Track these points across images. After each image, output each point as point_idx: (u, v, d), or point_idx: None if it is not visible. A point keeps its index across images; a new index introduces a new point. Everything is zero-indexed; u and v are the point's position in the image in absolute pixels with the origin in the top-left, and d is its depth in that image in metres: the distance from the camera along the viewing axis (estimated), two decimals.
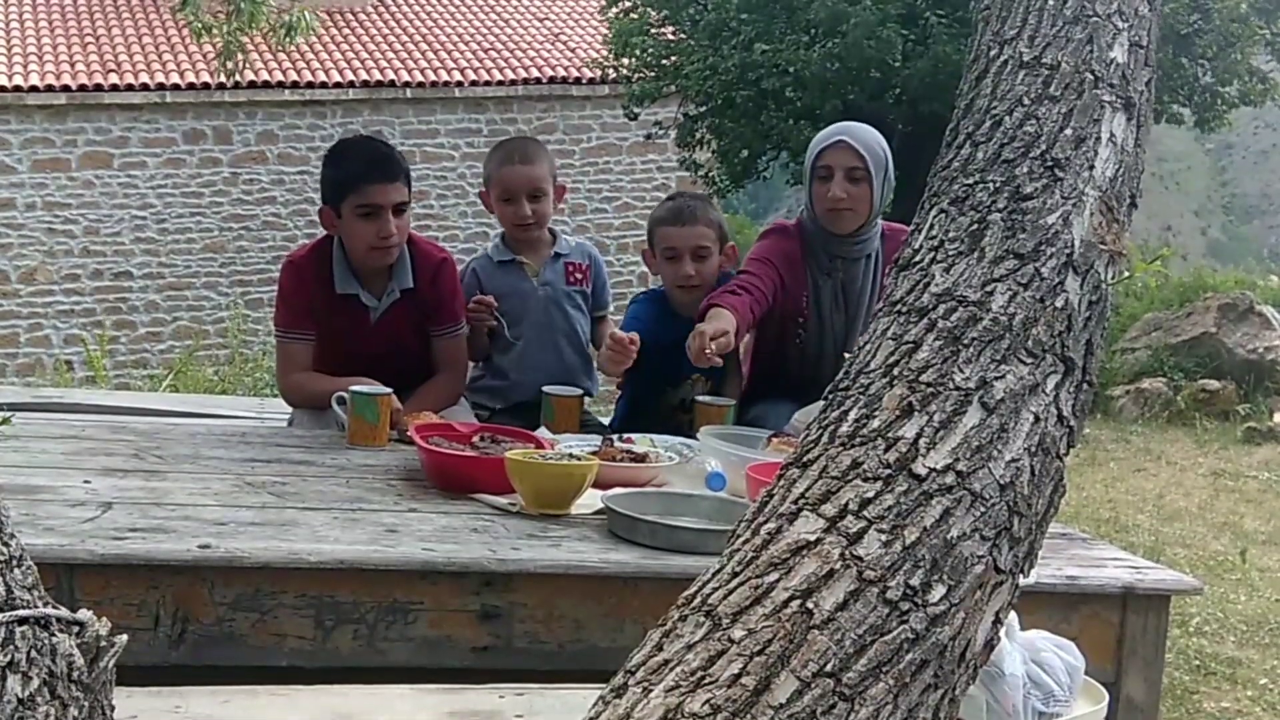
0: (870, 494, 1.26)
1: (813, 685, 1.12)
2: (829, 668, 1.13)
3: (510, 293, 3.27)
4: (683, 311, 3.04)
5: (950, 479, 1.27)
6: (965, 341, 1.37)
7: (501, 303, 3.24)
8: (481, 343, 3.26)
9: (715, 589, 1.22)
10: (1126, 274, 1.54)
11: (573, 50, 16.07)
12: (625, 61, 13.32)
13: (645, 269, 3.38)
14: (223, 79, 12.42)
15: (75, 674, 1.15)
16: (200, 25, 7.97)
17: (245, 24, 7.79)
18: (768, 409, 3.06)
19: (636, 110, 13.30)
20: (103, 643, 1.19)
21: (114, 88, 14.16)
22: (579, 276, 3.34)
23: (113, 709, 1.21)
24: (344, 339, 3.01)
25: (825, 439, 1.35)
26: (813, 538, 1.23)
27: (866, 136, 3.01)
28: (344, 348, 3.01)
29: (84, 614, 1.20)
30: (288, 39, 8.18)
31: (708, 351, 2.57)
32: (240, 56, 8.39)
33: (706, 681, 1.11)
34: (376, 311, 3.02)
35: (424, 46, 16.02)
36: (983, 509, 1.27)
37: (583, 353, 3.35)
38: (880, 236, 3.08)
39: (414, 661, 1.88)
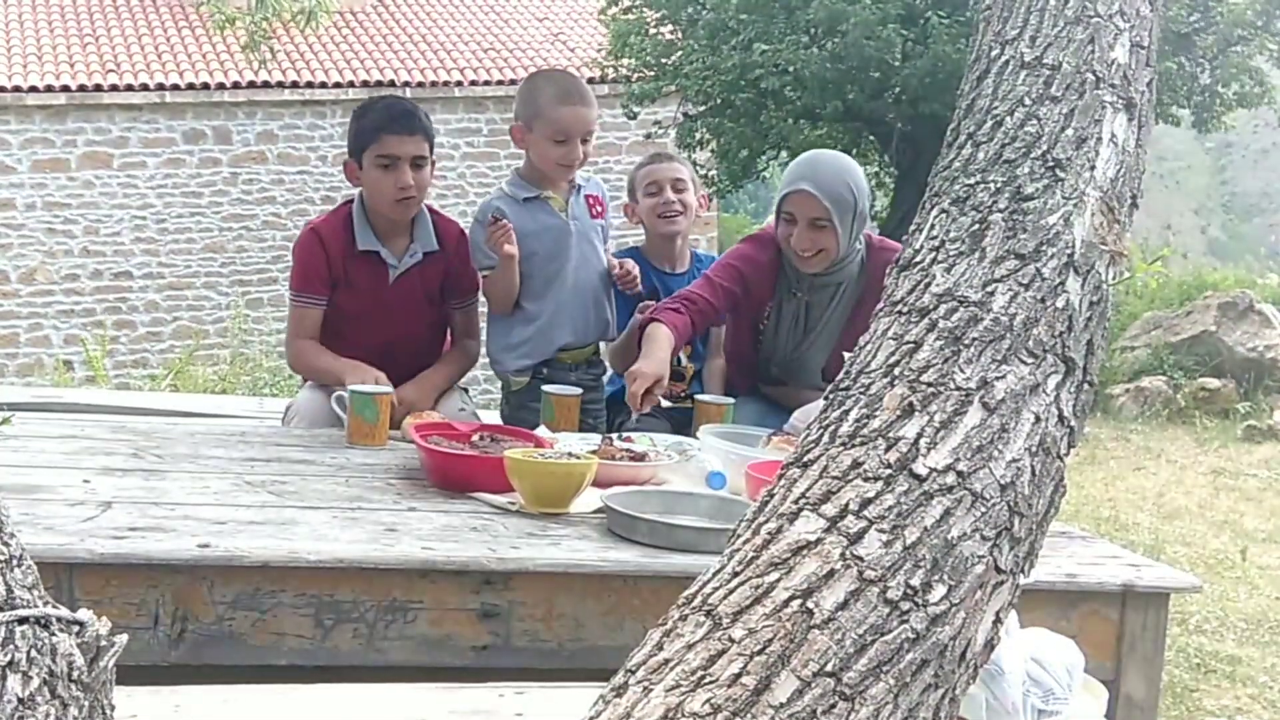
0: (871, 494, 1.26)
1: (813, 685, 1.12)
2: (829, 667, 1.13)
3: (541, 231, 3.09)
4: (656, 260, 3.41)
5: (951, 479, 1.27)
6: (966, 341, 1.37)
7: (533, 242, 3.06)
8: (512, 285, 3.06)
9: (716, 588, 1.22)
10: (1127, 274, 1.54)
11: (572, 50, 16.06)
12: (625, 61, 13.31)
13: None
14: (250, 74, 12.37)
15: (75, 673, 1.15)
16: (223, 18, 7.92)
17: (269, 13, 7.75)
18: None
19: (636, 110, 13.28)
20: (102, 642, 1.19)
21: (113, 88, 14.15)
22: (599, 209, 3.22)
23: (113, 708, 1.20)
24: (361, 297, 3.04)
25: (826, 439, 1.35)
26: (813, 537, 1.23)
27: (832, 180, 2.88)
28: (360, 306, 3.04)
29: (84, 613, 1.20)
30: (309, 25, 8.14)
31: (638, 402, 2.73)
32: (267, 46, 8.34)
33: (707, 681, 1.11)
34: (396, 271, 3.06)
35: (424, 46, 16.02)
36: (983, 509, 1.27)
37: (610, 292, 3.22)
38: (865, 249, 3.01)
39: (414, 660, 1.88)
